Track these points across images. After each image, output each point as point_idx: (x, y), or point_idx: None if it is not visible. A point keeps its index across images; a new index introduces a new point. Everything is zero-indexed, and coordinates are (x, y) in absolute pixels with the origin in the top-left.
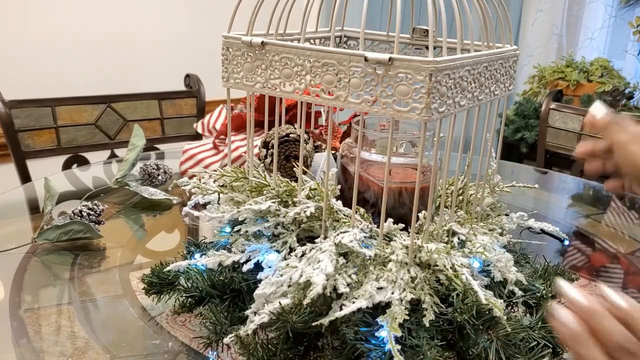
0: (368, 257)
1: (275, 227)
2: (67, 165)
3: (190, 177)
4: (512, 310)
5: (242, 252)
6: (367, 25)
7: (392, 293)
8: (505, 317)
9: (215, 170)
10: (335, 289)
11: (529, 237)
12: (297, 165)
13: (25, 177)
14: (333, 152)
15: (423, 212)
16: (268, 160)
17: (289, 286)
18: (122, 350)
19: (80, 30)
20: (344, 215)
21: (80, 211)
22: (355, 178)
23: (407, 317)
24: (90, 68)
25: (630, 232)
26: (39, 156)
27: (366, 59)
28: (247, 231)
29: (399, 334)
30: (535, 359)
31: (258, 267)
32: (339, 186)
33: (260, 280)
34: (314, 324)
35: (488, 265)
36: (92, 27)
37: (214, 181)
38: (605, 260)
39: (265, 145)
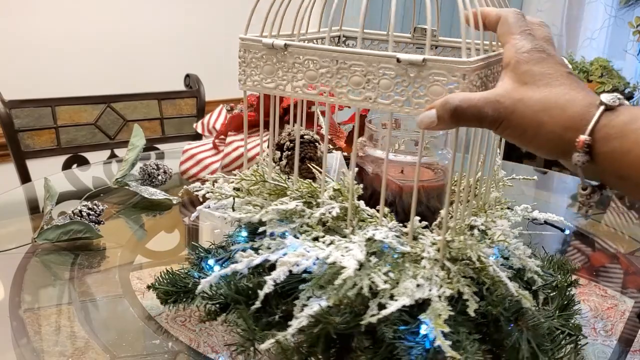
0: (402, 254)
1: (300, 226)
2: (67, 165)
3: (189, 178)
4: (537, 300)
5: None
6: (367, 25)
7: (430, 290)
8: (533, 308)
9: (234, 175)
10: (370, 287)
11: (531, 230)
12: (312, 167)
13: (25, 177)
14: (344, 153)
15: (442, 210)
16: (283, 162)
17: (314, 263)
18: (122, 350)
19: (80, 30)
20: (369, 215)
21: (80, 211)
22: (383, 179)
23: (452, 313)
24: (90, 68)
25: (630, 232)
26: (39, 156)
27: (398, 60)
28: (271, 232)
29: (447, 329)
30: (561, 347)
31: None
32: (361, 185)
33: (289, 282)
34: (362, 322)
35: (507, 258)
36: (92, 27)
37: (229, 184)
38: (605, 260)
39: (279, 147)
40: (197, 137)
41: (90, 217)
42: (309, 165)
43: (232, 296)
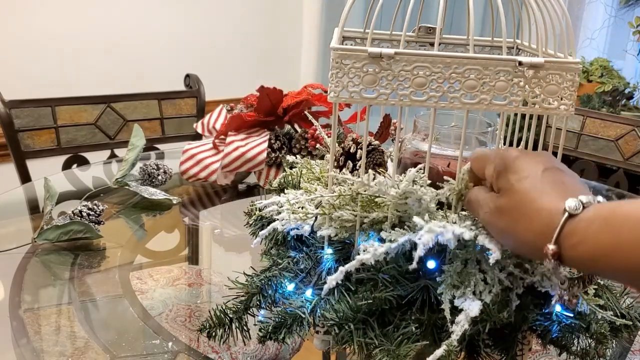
0: None
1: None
2: (67, 165)
3: (189, 178)
4: None
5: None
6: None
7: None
8: None
9: (334, 192)
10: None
11: None
12: (381, 172)
13: (25, 177)
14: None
15: None
16: (359, 170)
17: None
18: (122, 350)
19: (80, 30)
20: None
21: (80, 211)
22: (458, 170)
23: (596, 287)
24: (90, 68)
25: None
26: (39, 156)
27: (520, 64)
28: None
29: (601, 302)
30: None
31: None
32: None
33: (403, 297)
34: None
35: None
36: (92, 27)
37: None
38: None
39: (349, 155)
40: (197, 137)
41: (90, 217)
42: (379, 171)
43: (352, 315)
